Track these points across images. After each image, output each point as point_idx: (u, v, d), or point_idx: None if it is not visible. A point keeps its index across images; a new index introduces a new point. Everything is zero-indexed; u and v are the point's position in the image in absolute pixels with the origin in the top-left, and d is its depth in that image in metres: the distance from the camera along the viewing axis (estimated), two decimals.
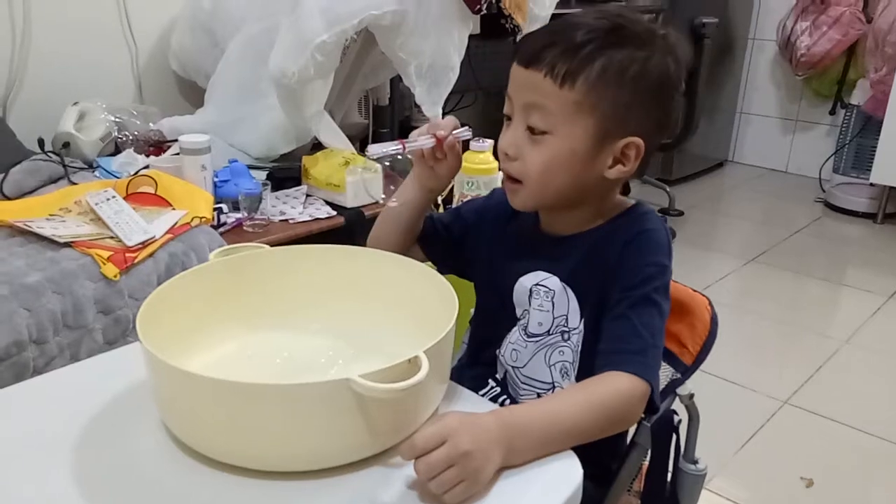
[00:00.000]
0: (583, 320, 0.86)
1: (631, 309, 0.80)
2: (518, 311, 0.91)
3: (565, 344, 0.88)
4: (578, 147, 0.80)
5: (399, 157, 0.87)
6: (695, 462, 0.98)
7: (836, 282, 2.80)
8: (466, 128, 0.88)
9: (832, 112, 3.72)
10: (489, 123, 2.15)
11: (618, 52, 0.78)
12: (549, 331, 0.88)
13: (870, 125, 3.37)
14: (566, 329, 0.87)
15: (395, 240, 0.95)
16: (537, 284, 0.88)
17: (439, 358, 0.71)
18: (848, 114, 3.52)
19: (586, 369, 0.84)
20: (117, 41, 2.17)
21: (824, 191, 3.57)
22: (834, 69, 3.56)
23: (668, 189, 3.26)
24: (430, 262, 1.01)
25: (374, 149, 0.84)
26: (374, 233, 0.97)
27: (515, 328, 0.91)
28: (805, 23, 3.49)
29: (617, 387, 0.75)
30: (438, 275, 0.83)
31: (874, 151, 3.19)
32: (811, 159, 3.76)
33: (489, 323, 0.95)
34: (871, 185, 3.26)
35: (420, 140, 0.85)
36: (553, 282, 0.87)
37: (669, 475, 0.96)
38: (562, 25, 0.81)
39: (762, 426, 1.84)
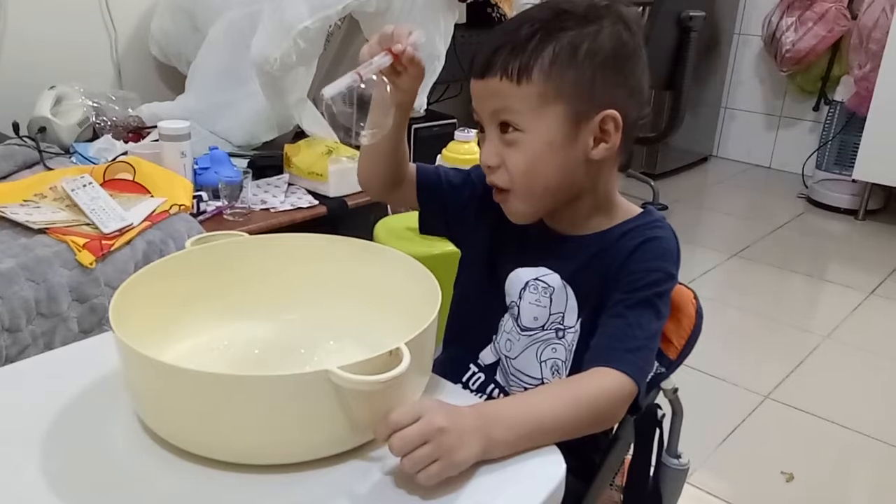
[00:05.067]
0: (580, 321, 0.85)
1: (629, 309, 0.78)
2: (507, 301, 0.89)
3: (559, 342, 0.87)
4: (554, 137, 0.78)
5: (359, 87, 0.78)
6: (678, 456, 0.97)
7: (818, 277, 2.81)
8: (420, 32, 0.81)
9: (816, 108, 3.73)
10: (472, 116, 2.13)
11: (565, 34, 0.77)
12: (543, 326, 0.87)
13: (853, 122, 3.38)
14: (561, 327, 0.86)
15: (380, 172, 0.90)
16: (536, 279, 0.86)
17: (421, 350, 0.69)
18: (831, 110, 3.53)
19: (580, 370, 0.82)
20: (96, 24, 2.13)
21: (807, 187, 3.58)
22: (818, 65, 3.57)
23: (652, 183, 3.26)
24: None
25: (329, 90, 0.75)
26: (360, 170, 0.93)
27: (507, 316, 0.90)
28: (790, 18, 3.49)
29: (604, 385, 0.73)
30: (422, 266, 0.81)
31: (857, 148, 3.20)
32: (794, 155, 3.77)
33: (477, 304, 0.92)
34: (854, 181, 3.27)
35: (375, 61, 0.77)
36: (554, 279, 0.85)
37: (652, 469, 0.95)
38: (504, 28, 0.80)
39: (743, 420, 1.84)
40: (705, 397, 1.91)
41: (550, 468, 0.69)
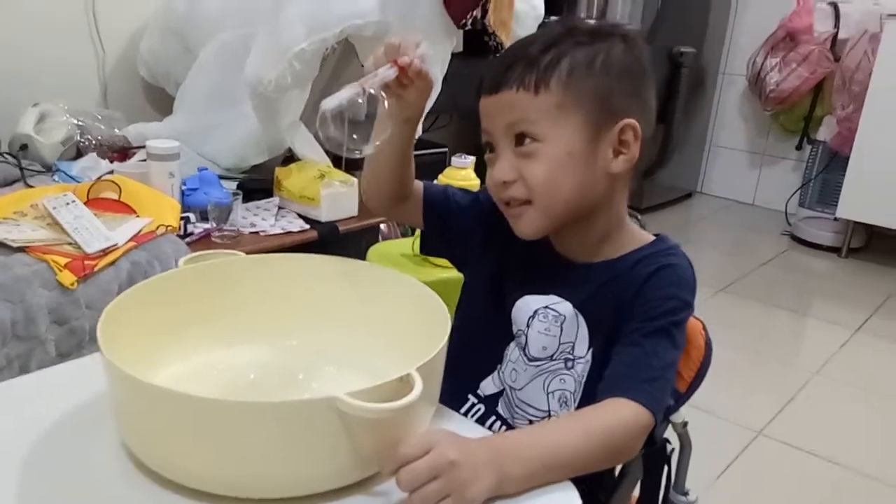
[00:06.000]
0: (591, 350, 0.82)
1: (645, 337, 0.76)
2: (513, 329, 0.86)
3: (568, 372, 0.83)
4: (574, 147, 0.77)
5: (360, 101, 0.71)
6: (685, 493, 0.94)
7: (805, 314, 2.81)
8: (427, 44, 0.77)
9: (799, 147, 3.77)
10: (464, 145, 2.11)
11: (579, 49, 0.77)
12: (552, 356, 0.83)
13: (835, 161, 3.42)
14: (570, 357, 0.83)
15: (386, 186, 0.86)
16: (546, 307, 0.83)
17: (431, 377, 0.66)
18: (814, 149, 3.58)
19: (591, 402, 0.77)
20: (83, 42, 2.09)
21: (790, 224, 3.61)
22: (801, 105, 3.62)
23: (639, 217, 3.26)
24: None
25: (329, 102, 0.70)
26: (364, 183, 0.89)
27: (513, 345, 0.86)
28: (775, 59, 3.54)
29: (620, 416, 0.70)
30: (428, 289, 0.78)
31: (839, 187, 3.23)
32: (778, 193, 3.80)
33: (481, 332, 0.88)
34: (836, 219, 3.30)
35: (381, 73, 0.73)
36: (565, 307, 0.82)
37: None
38: (515, 47, 0.81)
39: (737, 457, 1.81)
40: (698, 433, 1.87)
41: None
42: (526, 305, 0.84)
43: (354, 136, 0.73)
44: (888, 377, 2.29)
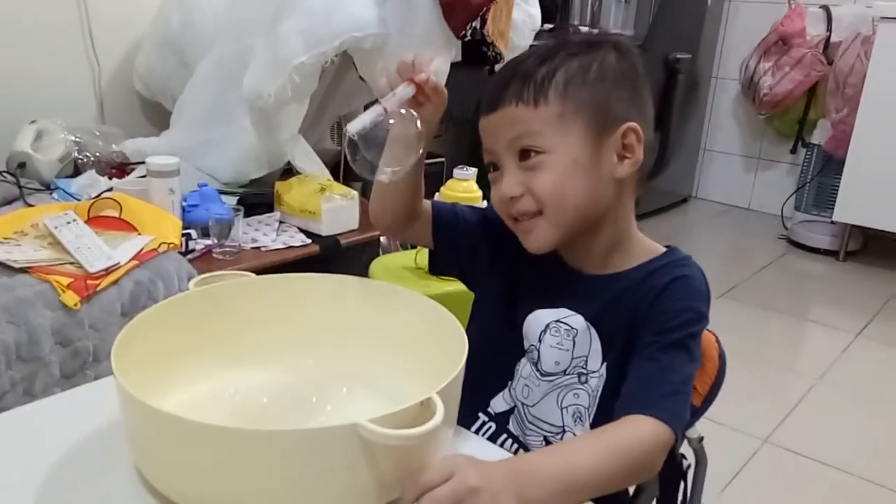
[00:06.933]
0: (605, 364, 0.81)
1: (662, 352, 0.75)
2: (525, 344, 0.85)
3: (581, 387, 0.82)
4: (579, 154, 0.77)
5: (387, 121, 0.72)
6: None
7: (805, 318, 2.82)
8: (441, 58, 0.79)
9: (793, 151, 3.78)
10: (460, 155, 2.11)
11: (573, 60, 0.78)
12: (565, 370, 0.83)
13: (830, 164, 3.43)
14: (584, 371, 0.82)
15: (395, 207, 0.86)
16: (558, 321, 0.82)
17: (450, 400, 0.65)
18: (809, 153, 3.59)
19: (605, 417, 0.77)
20: (79, 58, 2.08)
21: (787, 228, 3.62)
22: (795, 109, 3.63)
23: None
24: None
25: (354, 126, 0.71)
26: (373, 203, 0.88)
27: (524, 360, 0.85)
28: (767, 63, 3.55)
29: (640, 434, 0.69)
30: (442, 308, 0.77)
31: (834, 190, 3.24)
32: (773, 197, 3.81)
33: (492, 348, 0.86)
34: (833, 223, 3.31)
35: (399, 92, 0.74)
36: (577, 321, 0.82)
37: None
38: (510, 65, 0.82)
39: (743, 466, 1.80)
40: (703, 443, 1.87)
41: None
42: (537, 320, 0.84)
43: (381, 159, 0.73)
44: (891, 383, 2.29)
